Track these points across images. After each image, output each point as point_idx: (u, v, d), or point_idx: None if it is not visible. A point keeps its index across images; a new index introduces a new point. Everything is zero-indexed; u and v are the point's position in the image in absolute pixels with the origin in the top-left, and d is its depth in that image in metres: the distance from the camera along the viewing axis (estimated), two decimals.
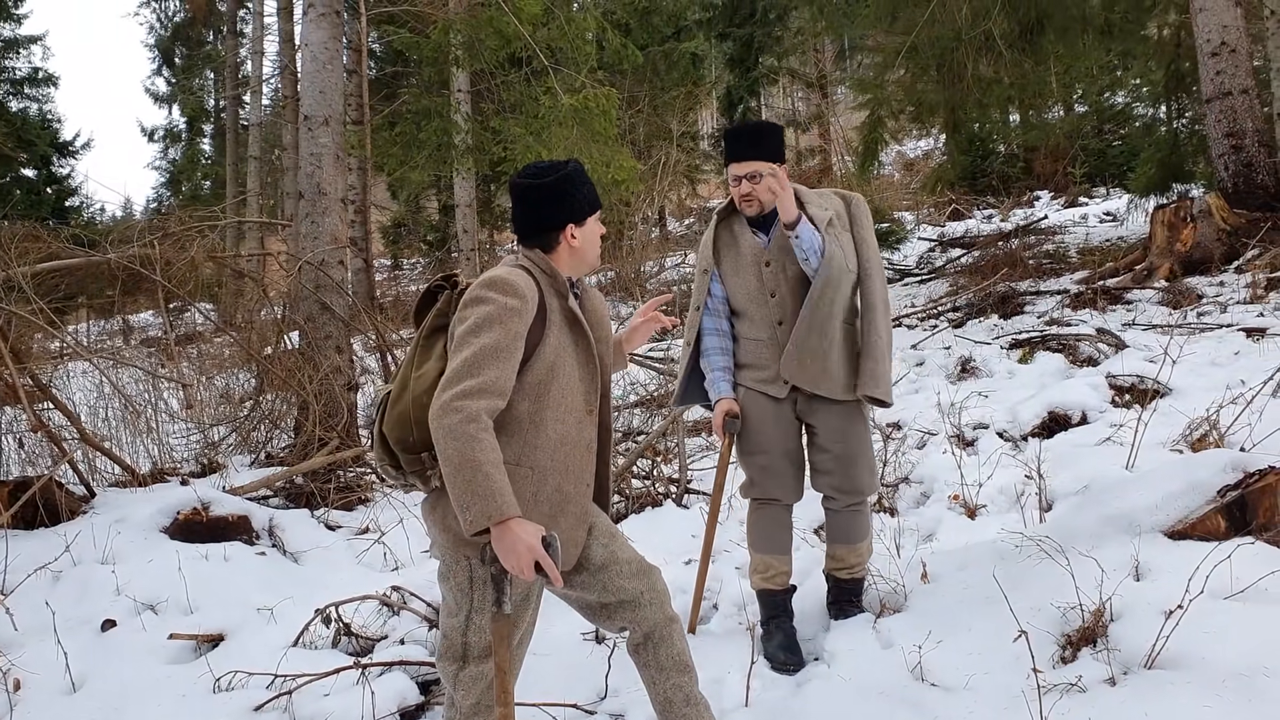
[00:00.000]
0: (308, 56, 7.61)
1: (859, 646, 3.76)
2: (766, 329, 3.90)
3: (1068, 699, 3.04)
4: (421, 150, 12.34)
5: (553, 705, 3.73)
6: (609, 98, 9.94)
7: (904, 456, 6.20)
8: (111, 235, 7.36)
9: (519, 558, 2.43)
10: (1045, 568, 3.71)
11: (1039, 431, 6.34)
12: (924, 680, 3.41)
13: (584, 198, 2.87)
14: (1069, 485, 5.12)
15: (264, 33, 20.15)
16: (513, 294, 2.63)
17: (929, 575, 4.23)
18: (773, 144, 3.79)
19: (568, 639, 4.32)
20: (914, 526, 5.17)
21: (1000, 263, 12.89)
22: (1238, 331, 7.77)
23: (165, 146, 28.63)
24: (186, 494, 5.64)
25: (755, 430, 3.94)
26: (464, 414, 2.47)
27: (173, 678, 4.14)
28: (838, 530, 4.05)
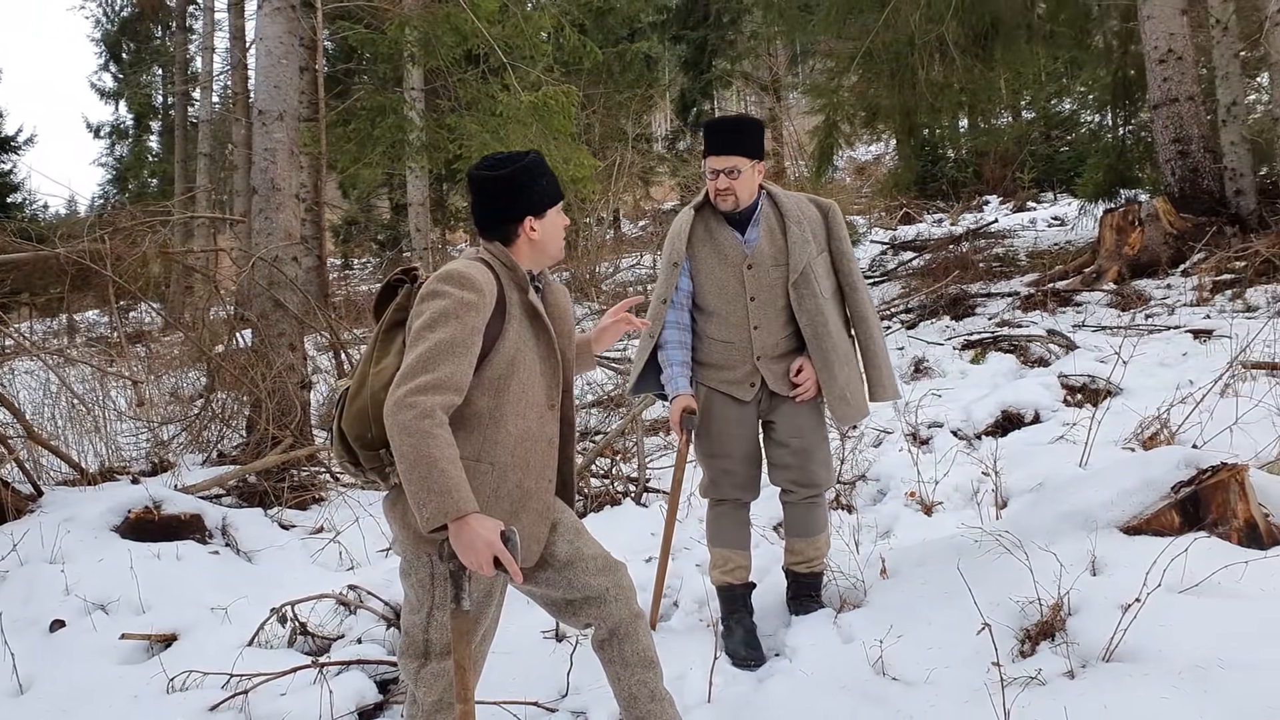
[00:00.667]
0: (262, 51, 7.51)
1: (820, 641, 3.78)
2: (740, 332, 3.85)
3: (1028, 692, 3.07)
4: (376, 147, 12.24)
5: (514, 703, 3.71)
6: (568, 95, 9.92)
7: (861, 454, 6.24)
8: (60, 230, 7.21)
9: (478, 554, 2.40)
10: (1003, 563, 3.74)
11: (993, 430, 6.41)
12: (885, 674, 3.43)
13: (543, 189, 2.83)
14: (1024, 482, 5.18)
15: (214, 28, 19.89)
16: (469, 288, 2.59)
17: (888, 570, 4.26)
18: (753, 140, 3.76)
19: (528, 637, 4.29)
20: (871, 523, 5.20)
21: (951, 265, 13.03)
22: (1185, 333, 7.92)
23: (112, 143, 28.16)
24: (138, 492, 5.55)
25: (718, 433, 3.93)
26: (418, 410, 2.43)
27: (125, 678, 4.08)
28: (796, 523, 4.07)
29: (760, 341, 3.84)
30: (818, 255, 3.84)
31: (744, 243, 3.83)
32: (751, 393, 3.88)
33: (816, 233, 3.87)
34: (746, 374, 3.87)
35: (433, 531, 2.45)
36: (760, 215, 3.86)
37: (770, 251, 3.80)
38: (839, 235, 3.93)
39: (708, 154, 3.78)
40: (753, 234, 3.83)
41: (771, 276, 3.80)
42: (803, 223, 3.83)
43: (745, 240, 3.83)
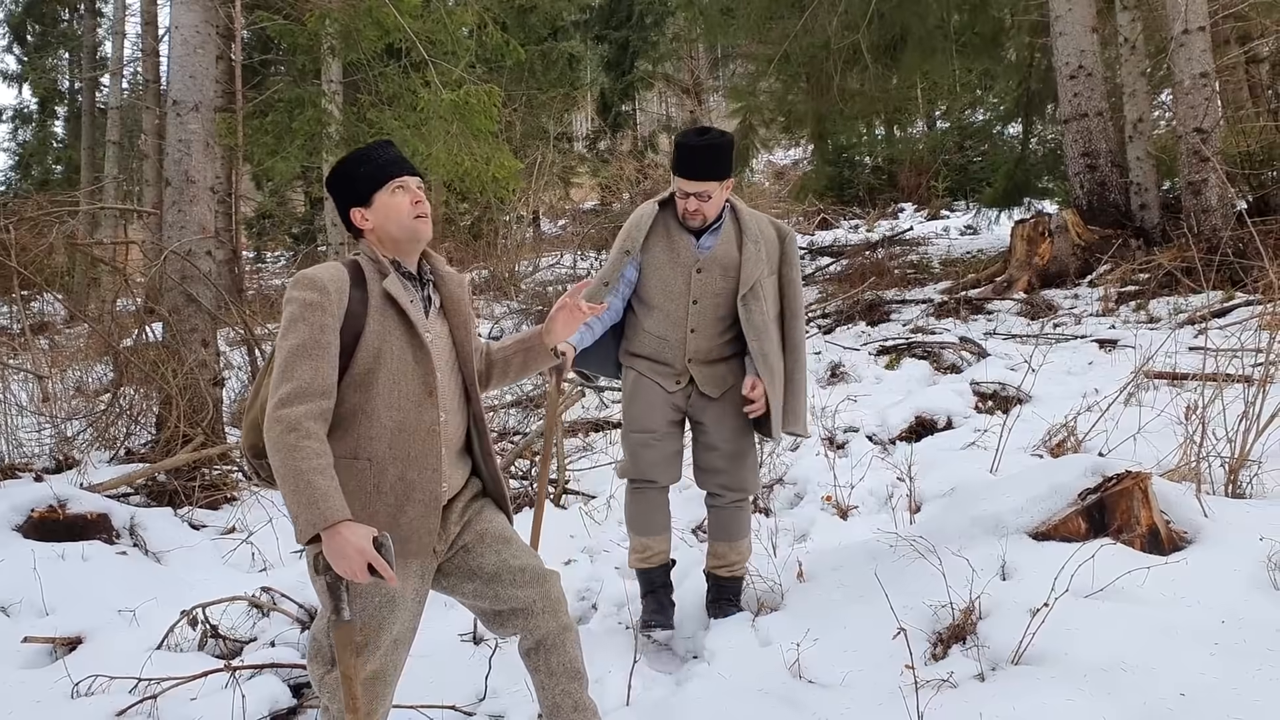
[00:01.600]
0: (177, 40, 7.34)
1: (738, 644, 3.81)
2: (677, 330, 3.92)
3: (940, 694, 3.13)
4: (294, 140, 12.04)
5: (430, 707, 3.69)
6: (490, 95, 9.86)
7: (779, 458, 6.31)
8: None
9: (349, 561, 2.36)
10: (917, 567, 3.81)
11: (907, 435, 6.53)
12: (802, 677, 3.48)
13: (362, 176, 2.77)
14: (937, 487, 5.28)
15: (125, 13, 19.36)
16: (310, 287, 2.57)
17: (805, 574, 4.31)
18: (727, 162, 3.79)
19: (445, 639, 4.28)
20: (789, 526, 5.27)
21: (868, 272, 13.25)
22: (1091, 342, 8.15)
23: (15, 128, 27.21)
24: (41, 490, 5.39)
25: (643, 410, 3.99)
26: (284, 424, 2.43)
27: (27, 683, 3.96)
28: (720, 527, 4.11)
29: (694, 344, 3.92)
30: (767, 276, 3.90)
31: (698, 247, 3.88)
32: (677, 387, 3.97)
33: (770, 254, 3.93)
34: (676, 372, 3.96)
35: (308, 543, 2.42)
36: (721, 226, 3.90)
37: (723, 261, 3.85)
38: (790, 262, 3.99)
39: (680, 175, 3.78)
40: (709, 241, 3.88)
41: (718, 285, 3.86)
42: (760, 242, 3.88)
43: (700, 245, 3.88)
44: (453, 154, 9.56)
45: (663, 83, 27.81)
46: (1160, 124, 14.58)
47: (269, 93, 12.73)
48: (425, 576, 2.75)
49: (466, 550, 2.84)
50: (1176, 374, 6.51)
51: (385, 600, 2.63)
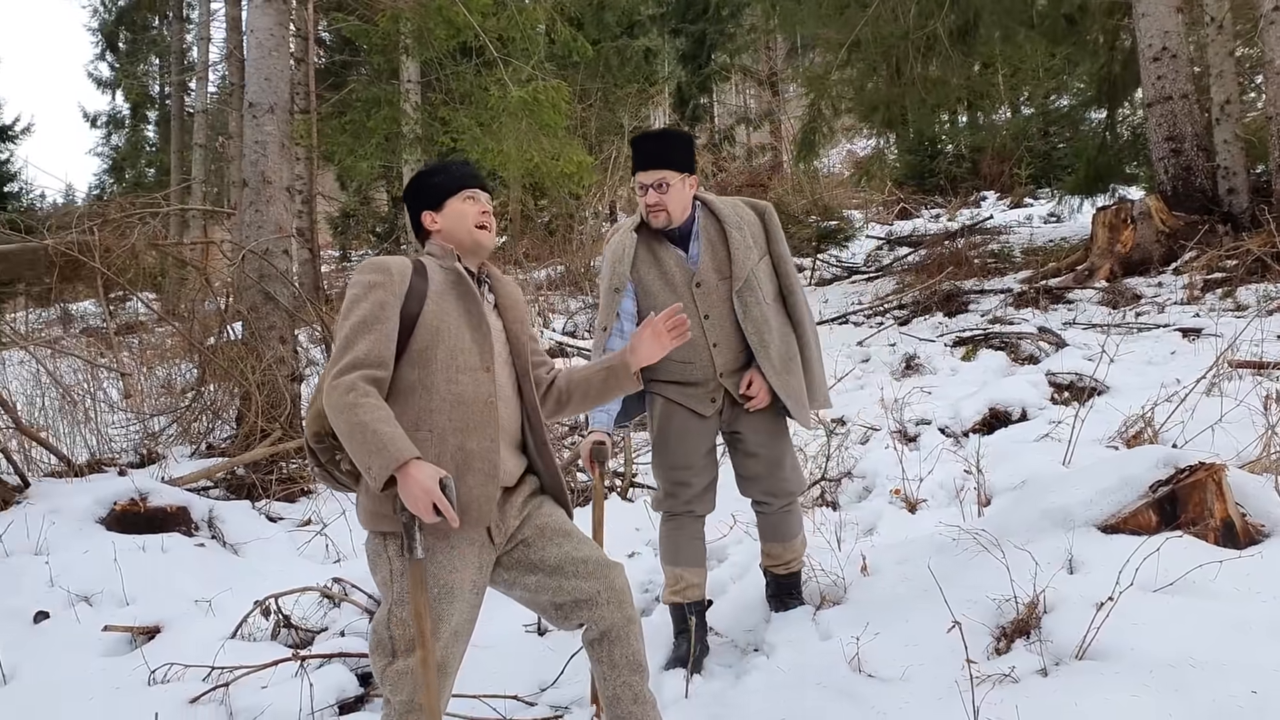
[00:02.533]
0: (253, 43, 7.51)
1: (798, 638, 3.79)
2: (699, 352, 3.74)
3: (1001, 689, 3.08)
4: (370, 139, 12.23)
5: (492, 697, 3.73)
6: (559, 90, 9.91)
7: (847, 451, 6.25)
8: (50, 221, 7.22)
9: (416, 500, 2.46)
10: (982, 561, 3.76)
11: (980, 427, 6.42)
12: (861, 671, 3.44)
13: (436, 185, 2.99)
14: (1007, 480, 5.19)
15: (210, 18, 19.85)
16: (374, 270, 2.76)
17: (869, 568, 4.27)
18: (682, 152, 3.66)
19: (509, 631, 4.32)
20: (855, 520, 5.22)
21: (946, 261, 13.04)
22: (1174, 331, 7.93)
23: (108, 132, 28.06)
24: (124, 484, 5.56)
25: (675, 444, 3.83)
26: (341, 388, 2.55)
27: (107, 670, 4.09)
28: (771, 530, 4.04)
29: (721, 359, 3.75)
30: (759, 260, 3.76)
31: (689, 260, 3.73)
32: (713, 408, 3.79)
33: (757, 237, 3.80)
34: (709, 391, 3.78)
35: (384, 490, 2.52)
36: (699, 229, 3.75)
37: (714, 264, 3.71)
38: (777, 238, 3.85)
39: (635, 170, 3.68)
40: (695, 249, 3.73)
41: (720, 291, 3.71)
42: (743, 228, 3.75)
43: (689, 258, 3.73)
44: (523, 150, 9.64)
45: (740, 75, 27.68)
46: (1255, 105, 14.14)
47: (343, 92, 12.94)
48: (483, 569, 2.77)
49: (527, 545, 2.86)
50: (1262, 363, 6.30)
51: (444, 592, 2.66)
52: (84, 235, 6.63)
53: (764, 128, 27.38)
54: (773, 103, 26.59)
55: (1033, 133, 21.97)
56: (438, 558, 2.65)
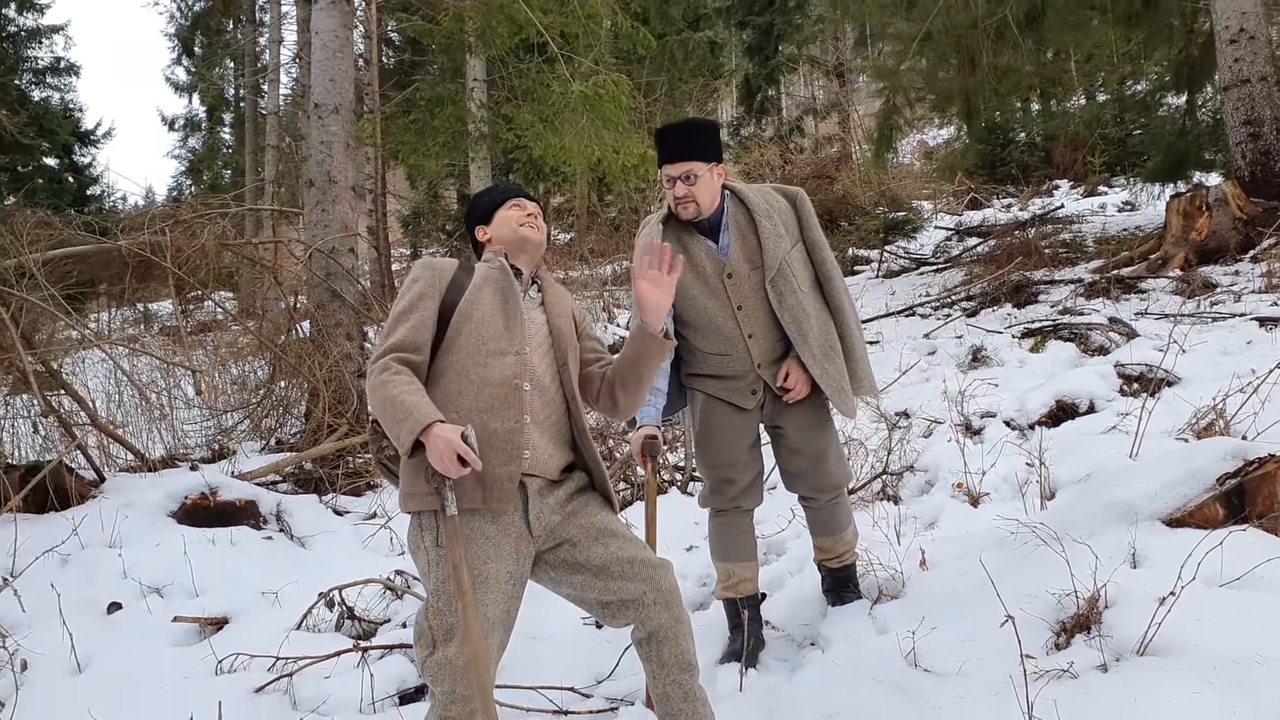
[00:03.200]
0: (318, 45, 7.64)
1: (854, 632, 3.77)
2: (735, 344, 3.68)
3: (1059, 685, 3.03)
4: (435, 138, 12.36)
5: (549, 688, 3.76)
6: (619, 84, 9.93)
7: (909, 445, 6.19)
8: (123, 223, 7.41)
9: (442, 455, 2.56)
10: (1042, 555, 3.70)
11: (1046, 420, 6.31)
12: (917, 666, 3.41)
13: (484, 204, 3.23)
14: (1073, 473, 5.10)
15: (281, 20, 20.21)
16: (419, 268, 2.99)
17: (928, 562, 4.23)
18: (708, 142, 3.57)
19: (568, 623, 4.35)
20: (916, 515, 5.16)
21: (1016, 252, 12.82)
22: (1250, 321, 7.71)
23: (185, 135, 28.71)
24: (195, 479, 5.70)
25: (719, 441, 3.77)
26: (376, 369, 2.75)
27: (176, 660, 4.19)
28: (820, 524, 3.99)
29: (758, 349, 3.68)
30: (792, 248, 3.66)
31: (720, 251, 3.65)
32: (754, 400, 3.73)
33: (789, 225, 3.70)
34: (749, 383, 3.72)
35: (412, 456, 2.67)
36: (728, 219, 3.67)
37: (745, 254, 3.63)
38: (810, 224, 3.76)
39: (662, 163, 3.61)
40: (725, 240, 3.65)
41: (753, 281, 3.62)
42: (773, 216, 3.65)
43: (720, 248, 3.65)
44: (584, 145, 9.68)
45: (807, 65, 27.46)
46: None
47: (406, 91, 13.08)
48: (521, 560, 2.79)
49: (573, 545, 2.89)
50: None
51: (478, 581, 2.69)
52: (156, 236, 6.80)
53: (831, 118, 27.14)
54: (840, 93, 26.34)
55: (1107, 119, 21.50)
56: (473, 548, 2.70)
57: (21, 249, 6.15)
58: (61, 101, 22.97)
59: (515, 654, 3.81)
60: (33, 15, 22.33)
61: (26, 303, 5.99)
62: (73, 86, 23.77)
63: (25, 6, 22.04)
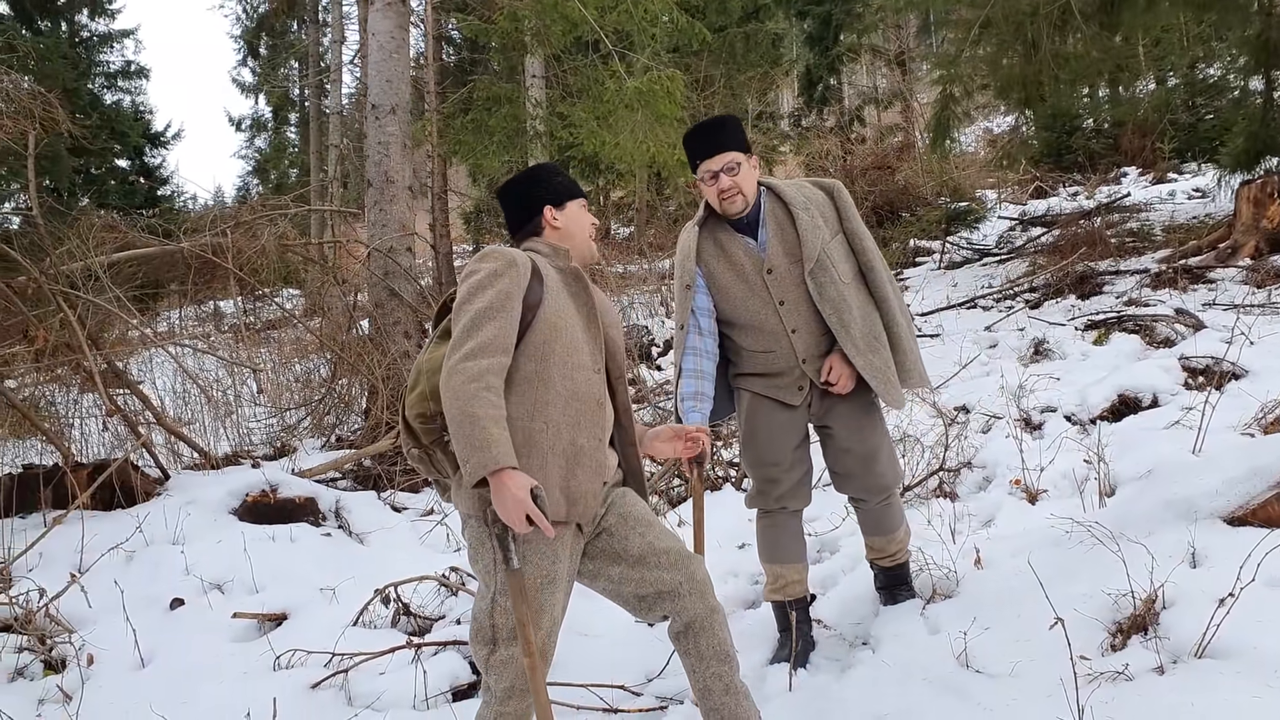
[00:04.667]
0: (374, 45, 7.72)
1: (906, 632, 3.73)
2: (778, 340, 3.62)
3: (1113, 687, 2.98)
4: (493, 137, 12.44)
5: (599, 686, 3.77)
6: (674, 80, 9.91)
7: (967, 441, 6.11)
8: (186, 225, 7.57)
9: (508, 510, 2.47)
10: (1098, 554, 3.64)
11: (1107, 415, 6.20)
12: (969, 667, 3.37)
13: (559, 184, 3.06)
14: (1134, 470, 4.98)
15: (343, 20, 20.44)
16: (498, 259, 2.77)
17: (983, 561, 4.18)
18: (740, 134, 3.56)
19: (618, 620, 4.35)
20: (973, 512, 5.09)
21: (1081, 241, 12.57)
22: None
23: (252, 135, 29.18)
24: (256, 476, 5.80)
25: (765, 439, 3.72)
26: (467, 374, 2.55)
27: (236, 655, 4.28)
28: (872, 524, 3.92)
29: (801, 345, 3.61)
30: (832, 239, 3.59)
31: (758, 247, 3.60)
32: (800, 396, 3.67)
33: (827, 216, 3.63)
34: (794, 379, 3.66)
35: (475, 487, 2.58)
36: (765, 214, 3.62)
37: (784, 248, 3.56)
38: (849, 214, 3.67)
39: (699, 159, 3.55)
40: (763, 235, 3.59)
41: (793, 275, 3.55)
42: (809, 208, 3.58)
43: (758, 244, 3.61)
44: (639, 142, 9.68)
45: (868, 54, 27.17)
46: None
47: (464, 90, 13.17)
48: (574, 557, 2.81)
49: (610, 534, 2.89)
50: None
51: (546, 582, 2.70)
52: (217, 238, 6.93)
53: (893, 108, 26.84)
54: (902, 82, 26.04)
55: (1176, 104, 21.00)
56: (539, 548, 2.68)
57: (88, 252, 6.29)
58: (132, 104, 23.46)
59: (566, 651, 3.83)
60: (104, 20, 22.83)
61: (93, 304, 6.14)
62: (143, 89, 24.27)
63: (97, 12, 22.54)
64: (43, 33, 20.60)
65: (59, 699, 4.02)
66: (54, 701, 4.02)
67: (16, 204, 15.08)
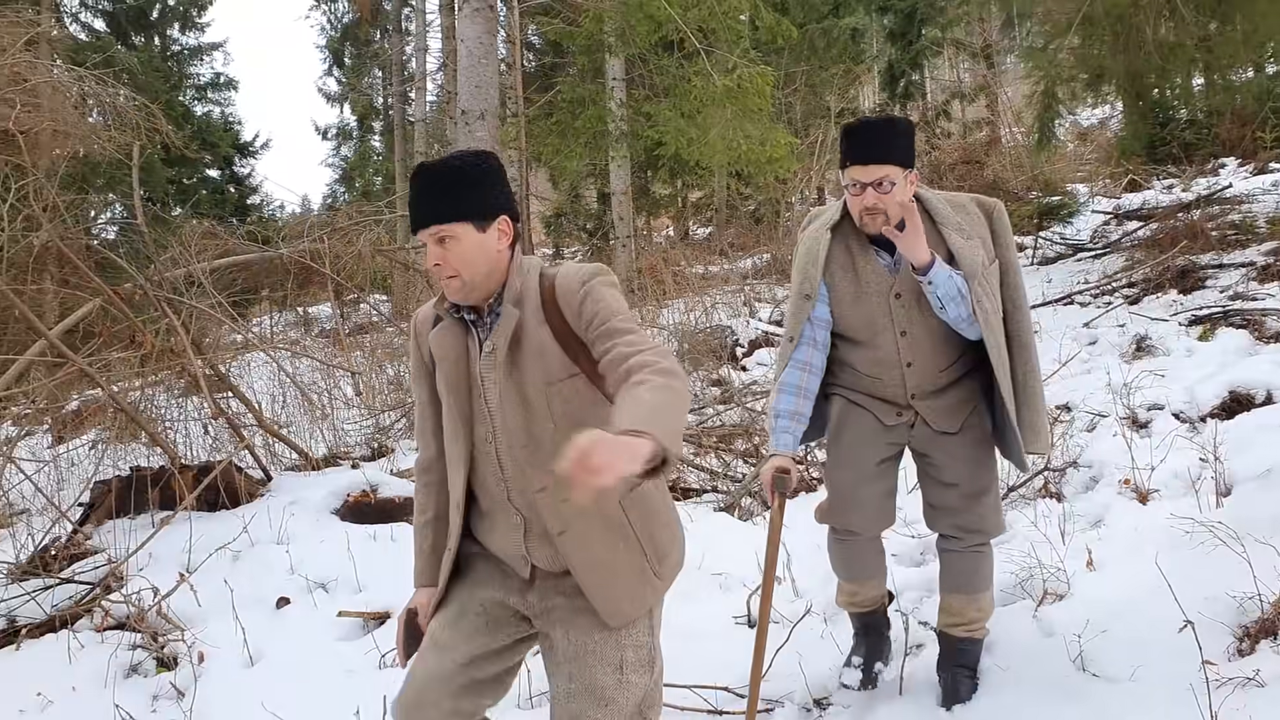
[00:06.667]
0: (463, 51, 7.79)
1: (1018, 634, 3.65)
2: (891, 370, 3.20)
3: (1242, 694, 2.89)
4: (577, 139, 12.49)
5: (703, 687, 3.75)
6: (763, 76, 9.86)
7: (1072, 439, 5.95)
8: (284, 231, 7.71)
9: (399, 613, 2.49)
10: (1220, 555, 3.53)
11: (1218, 412, 6.00)
12: (1086, 670, 3.29)
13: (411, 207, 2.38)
14: (1250, 469, 4.80)
15: (426, 29, 20.69)
16: (408, 328, 2.50)
17: (1094, 562, 4.08)
18: (906, 145, 3.01)
19: (720, 621, 4.32)
20: (1081, 512, 4.95)
21: (1180, 235, 12.22)
22: None
23: (338, 144, 29.64)
24: (356, 477, 5.88)
25: (850, 442, 3.32)
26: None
27: (341, 653, 4.33)
28: (956, 575, 3.40)
29: (915, 380, 3.20)
30: (989, 266, 3.11)
31: (890, 267, 3.12)
32: (897, 420, 3.28)
33: (985, 239, 3.15)
34: (898, 407, 3.27)
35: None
36: None
37: None
38: (1005, 242, 3.21)
39: (850, 163, 3.00)
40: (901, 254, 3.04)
41: (924, 305, 3.09)
42: (964, 228, 3.10)
43: (893, 265, 3.12)
44: (727, 138, 9.63)
45: (952, 48, 26.76)
46: None
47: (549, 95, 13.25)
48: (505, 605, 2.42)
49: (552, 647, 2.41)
50: None
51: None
52: (315, 243, 7.05)
53: (979, 101, 26.40)
54: (988, 75, 25.60)
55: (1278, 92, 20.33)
56: None
57: (190, 258, 6.44)
58: (222, 115, 24.12)
59: (670, 653, 3.80)
60: (194, 34, 23.50)
61: (196, 310, 6.28)
62: (231, 101, 24.92)
63: (187, 26, 23.18)
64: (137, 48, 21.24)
65: (172, 695, 4.11)
66: (167, 698, 4.10)
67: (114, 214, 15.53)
